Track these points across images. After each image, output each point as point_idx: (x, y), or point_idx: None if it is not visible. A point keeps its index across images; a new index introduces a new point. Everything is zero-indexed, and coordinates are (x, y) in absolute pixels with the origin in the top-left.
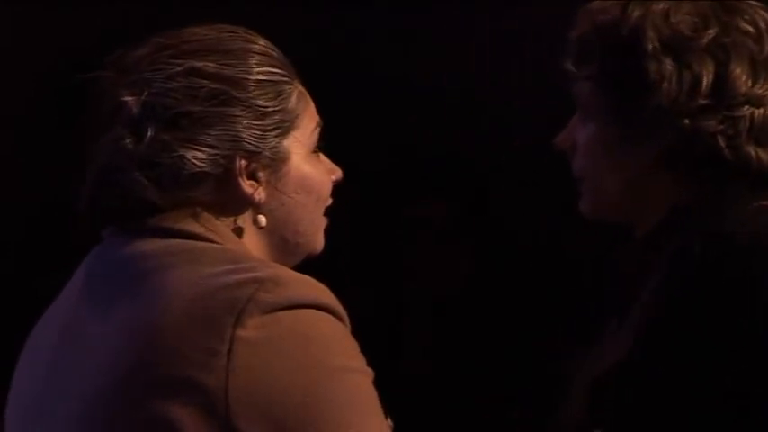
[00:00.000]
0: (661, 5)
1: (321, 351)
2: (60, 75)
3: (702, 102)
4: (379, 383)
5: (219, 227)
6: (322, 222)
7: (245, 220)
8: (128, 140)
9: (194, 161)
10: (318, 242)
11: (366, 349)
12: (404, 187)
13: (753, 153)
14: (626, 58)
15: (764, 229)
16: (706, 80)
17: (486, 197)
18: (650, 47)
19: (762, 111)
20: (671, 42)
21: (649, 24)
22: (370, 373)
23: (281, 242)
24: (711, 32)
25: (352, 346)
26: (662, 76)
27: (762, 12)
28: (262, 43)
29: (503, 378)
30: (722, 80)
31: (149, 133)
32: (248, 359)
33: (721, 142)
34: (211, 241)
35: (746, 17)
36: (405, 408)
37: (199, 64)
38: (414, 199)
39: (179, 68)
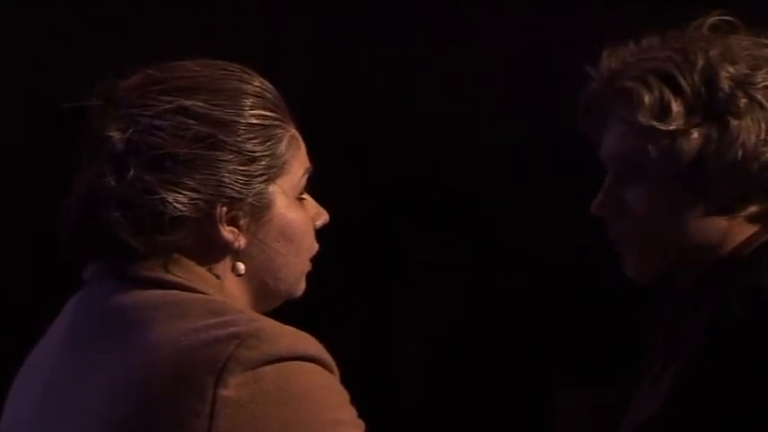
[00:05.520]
0: (712, 52)
1: (307, 406)
2: (56, 99)
3: None
4: (372, 415)
5: (200, 273)
6: (305, 268)
7: (223, 266)
8: (110, 177)
9: (175, 204)
10: (300, 287)
11: (358, 382)
12: (396, 218)
13: None
14: (708, 107)
15: None
16: None
17: (481, 228)
18: (726, 86)
19: None
20: (741, 82)
21: (722, 70)
22: (360, 425)
23: (261, 287)
24: (765, 71)
25: (340, 397)
26: (742, 113)
27: None
28: (256, 84)
29: (496, 409)
30: None
31: (131, 172)
32: (231, 419)
33: None
34: (193, 290)
35: None
36: None
37: (188, 103)
38: (406, 230)
39: (168, 106)
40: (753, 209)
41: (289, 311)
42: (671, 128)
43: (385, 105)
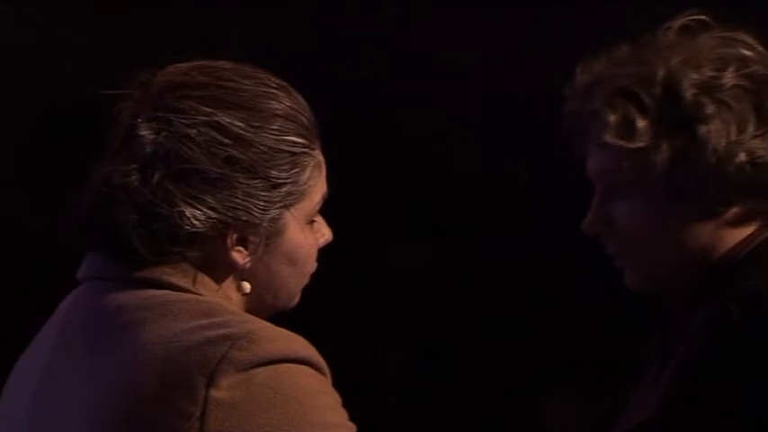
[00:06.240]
0: (673, 61)
1: (299, 408)
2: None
3: (756, 133)
4: (362, 419)
5: (200, 279)
6: (303, 285)
7: (228, 284)
8: (133, 177)
9: (193, 220)
10: (294, 302)
11: (344, 392)
12: (384, 230)
13: None
14: (674, 117)
15: None
16: (750, 114)
17: (468, 240)
18: (689, 94)
19: None
20: (706, 87)
21: (684, 78)
22: (351, 427)
23: (259, 301)
24: (732, 70)
25: (332, 399)
26: (709, 118)
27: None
28: (290, 104)
29: (482, 420)
30: (763, 108)
31: (156, 177)
32: (223, 421)
33: None
34: (187, 291)
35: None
36: None
37: (226, 120)
38: (394, 242)
39: (204, 118)
40: (736, 210)
41: (282, 315)
42: (639, 145)
43: (368, 147)
